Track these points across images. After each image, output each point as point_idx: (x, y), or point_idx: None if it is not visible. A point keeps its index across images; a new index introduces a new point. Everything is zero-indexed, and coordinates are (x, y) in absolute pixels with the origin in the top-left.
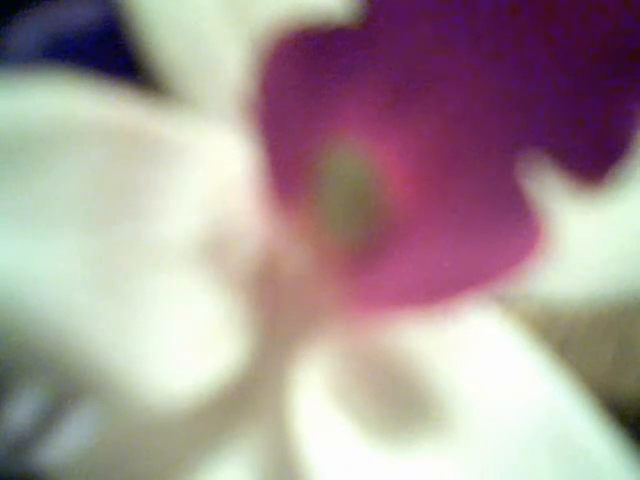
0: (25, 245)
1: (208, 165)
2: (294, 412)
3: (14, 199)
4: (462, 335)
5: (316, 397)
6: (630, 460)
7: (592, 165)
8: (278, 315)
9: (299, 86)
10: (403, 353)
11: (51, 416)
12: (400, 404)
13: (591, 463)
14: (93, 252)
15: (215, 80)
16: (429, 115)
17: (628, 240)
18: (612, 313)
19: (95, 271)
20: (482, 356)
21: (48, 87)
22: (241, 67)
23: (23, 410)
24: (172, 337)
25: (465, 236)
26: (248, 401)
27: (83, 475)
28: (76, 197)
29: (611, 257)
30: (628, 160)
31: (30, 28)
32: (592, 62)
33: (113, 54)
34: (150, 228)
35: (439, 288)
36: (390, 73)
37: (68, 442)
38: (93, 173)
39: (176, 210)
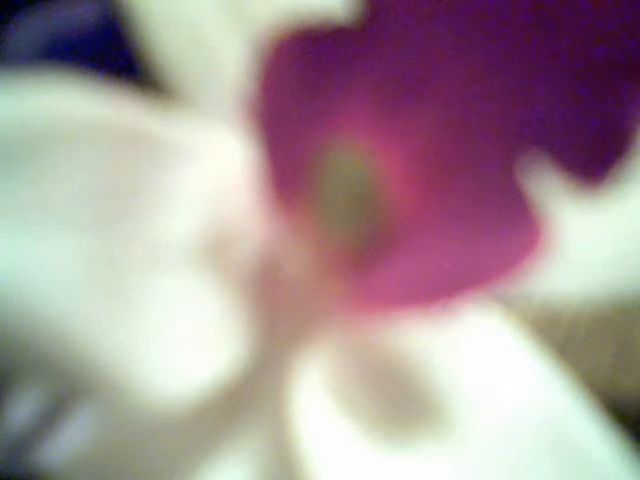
0: (25, 245)
1: (208, 165)
2: (294, 412)
3: (14, 199)
4: (462, 335)
5: (316, 397)
6: (630, 460)
7: (592, 165)
8: (278, 315)
9: (299, 86)
10: (403, 353)
11: (51, 416)
12: (400, 404)
13: (591, 463)
14: (93, 252)
15: (215, 80)
16: (429, 115)
17: (628, 240)
18: (612, 313)
19: (95, 271)
20: (482, 356)
21: (48, 87)
22: (241, 67)
23: (23, 410)
24: (172, 337)
25: (465, 236)
26: (248, 401)
27: (82, 475)
28: (76, 197)
29: (611, 257)
30: (628, 160)
31: (30, 28)
32: (592, 62)
33: (113, 54)
34: (150, 228)
35: (439, 288)
36: (390, 73)
37: (68, 442)
38: (93, 173)
39: (176, 210)
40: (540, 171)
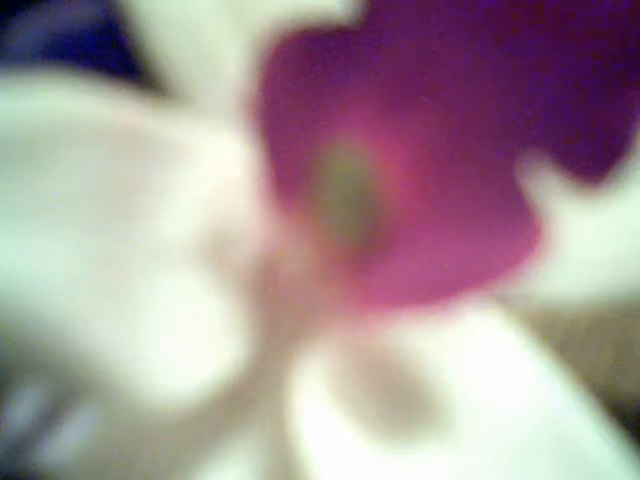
0: (25, 244)
1: (208, 165)
2: (294, 412)
3: (14, 198)
4: (462, 335)
5: (316, 397)
6: (630, 460)
7: (592, 165)
8: (278, 315)
9: (299, 86)
10: (403, 353)
11: (51, 416)
12: (400, 404)
13: (591, 463)
14: (93, 251)
15: (215, 80)
16: (429, 115)
17: (628, 240)
18: (612, 313)
19: (95, 270)
20: (482, 356)
21: (48, 87)
22: (241, 67)
23: (23, 410)
24: (172, 337)
25: (465, 236)
26: (248, 401)
27: (83, 475)
28: (76, 197)
29: (611, 257)
30: (628, 160)
31: (30, 28)
32: (593, 63)
33: (113, 54)
34: (150, 228)
35: (439, 288)
36: (390, 73)
37: (68, 442)
38: (93, 173)
39: (176, 210)
40: (540, 171)
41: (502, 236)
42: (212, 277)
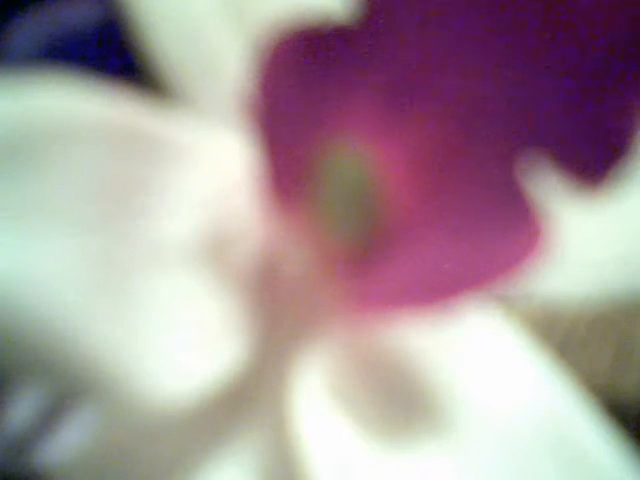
0: (25, 244)
1: (208, 165)
2: (294, 412)
3: (15, 199)
4: (462, 335)
5: (316, 397)
6: (630, 460)
7: (592, 165)
8: (278, 315)
9: (299, 86)
10: (403, 353)
11: (51, 416)
12: (400, 404)
13: (591, 463)
14: (93, 251)
15: (215, 80)
16: (429, 116)
17: (628, 240)
18: (612, 313)
19: (95, 270)
20: (482, 356)
21: (48, 87)
22: (241, 67)
23: (23, 410)
24: (172, 337)
25: (465, 236)
26: (248, 401)
27: (83, 475)
28: (76, 196)
29: (611, 257)
30: (628, 160)
31: (30, 28)
32: (592, 63)
33: (113, 54)
34: (150, 228)
35: (439, 288)
36: (390, 73)
37: (68, 442)
38: (93, 173)
39: (176, 210)
40: (540, 171)
41: (502, 236)
42: (212, 277)
